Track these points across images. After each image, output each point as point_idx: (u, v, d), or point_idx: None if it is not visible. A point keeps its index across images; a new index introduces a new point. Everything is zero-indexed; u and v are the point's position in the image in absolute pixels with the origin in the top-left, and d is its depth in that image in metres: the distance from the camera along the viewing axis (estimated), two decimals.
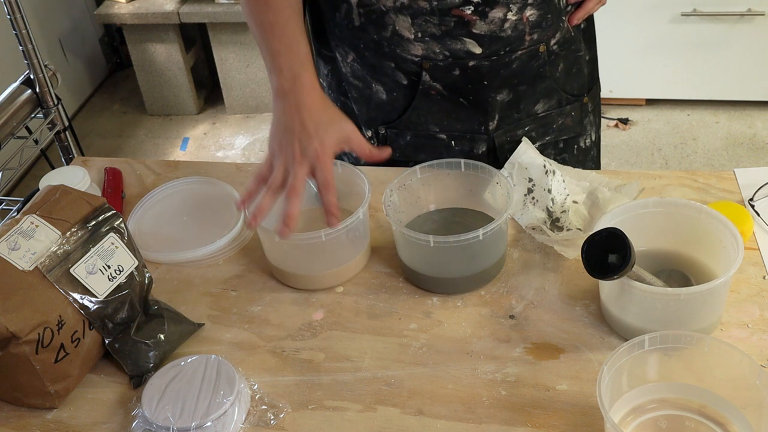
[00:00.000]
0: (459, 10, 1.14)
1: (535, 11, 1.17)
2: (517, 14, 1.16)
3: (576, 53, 1.28)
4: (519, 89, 1.24)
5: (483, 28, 1.16)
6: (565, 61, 1.26)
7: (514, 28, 1.17)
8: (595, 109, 1.37)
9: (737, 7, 2.85)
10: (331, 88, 1.36)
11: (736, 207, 1.12)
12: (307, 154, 1.07)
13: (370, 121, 1.30)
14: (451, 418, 0.93)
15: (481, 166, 1.13)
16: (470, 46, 1.17)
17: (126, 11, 3.25)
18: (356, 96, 1.31)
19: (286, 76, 1.10)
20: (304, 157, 1.07)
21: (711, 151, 2.96)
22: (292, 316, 1.09)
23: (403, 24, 1.17)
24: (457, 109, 1.25)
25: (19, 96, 1.67)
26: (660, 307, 0.95)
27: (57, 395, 0.98)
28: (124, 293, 1.02)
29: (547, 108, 1.28)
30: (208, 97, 3.62)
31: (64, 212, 1.01)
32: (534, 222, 1.16)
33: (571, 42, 1.26)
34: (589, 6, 1.24)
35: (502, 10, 1.15)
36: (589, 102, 1.34)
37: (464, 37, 1.17)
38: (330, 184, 1.08)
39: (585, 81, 1.32)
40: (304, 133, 1.08)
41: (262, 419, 0.95)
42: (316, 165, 1.08)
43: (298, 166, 1.07)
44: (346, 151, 1.16)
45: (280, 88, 1.10)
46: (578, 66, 1.29)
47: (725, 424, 0.89)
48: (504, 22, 1.16)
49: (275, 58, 1.11)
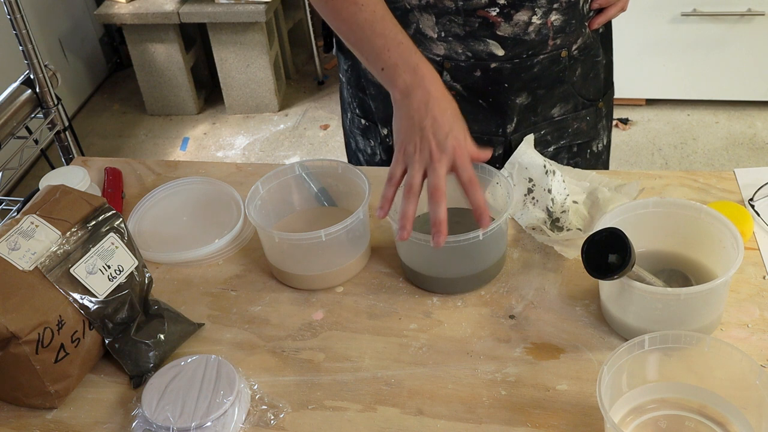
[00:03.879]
0: (484, 11, 1.14)
1: (560, 16, 1.17)
2: (542, 18, 1.16)
3: (594, 58, 1.28)
4: (538, 93, 1.24)
5: (507, 30, 1.16)
6: (584, 66, 1.27)
7: (538, 32, 1.17)
8: (608, 114, 1.38)
9: (737, 7, 2.85)
10: (350, 84, 1.35)
11: (736, 207, 1.12)
12: (445, 150, 0.99)
13: (386, 119, 1.30)
14: (451, 418, 0.93)
15: (481, 166, 1.13)
16: (493, 48, 1.17)
17: (126, 11, 3.25)
18: (374, 93, 1.30)
19: (404, 69, 1.03)
20: (443, 154, 0.99)
21: (711, 151, 2.96)
22: (292, 316, 1.09)
23: (427, 23, 1.17)
24: (476, 111, 1.24)
25: (19, 96, 1.68)
26: (660, 307, 0.95)
27: (57, 395, 0.98)
28: (124, 293, 1.02)
29: (563, 112, 1.28)
30: (208, 97, 3.62)
31: (64, 212, 1.01)
32: (534, 222, 1.16)
33: (591, 47, 1.26)
34: (610, 12, 1.25)
35: (527, 14, 1.15)
36: (604, 107, 1.34)
37: (488, 39, 1.17)
38: (475, 180, 1.00)
39: (601, 86, 1.32)
40: (439, 129, 1.00)
41: (262, 419, 0.95)
42: (456, 161, 1.00)
43: (437, 164, 0.99)
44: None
45: (401, 84, 1.03)
46: (595, 71, 1.29)
47: (725, 424, 0.89)
48: (528, 26, 1.16)
49: (384, 55, 1.04)
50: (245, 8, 3.17)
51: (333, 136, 3.30)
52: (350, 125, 1.41)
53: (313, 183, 1.21)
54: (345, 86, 1.37)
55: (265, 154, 3.23)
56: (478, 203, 0.99)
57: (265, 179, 1.17)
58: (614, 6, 1.25)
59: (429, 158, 1.00)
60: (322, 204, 1.22)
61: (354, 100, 1.36)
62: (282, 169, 1.19)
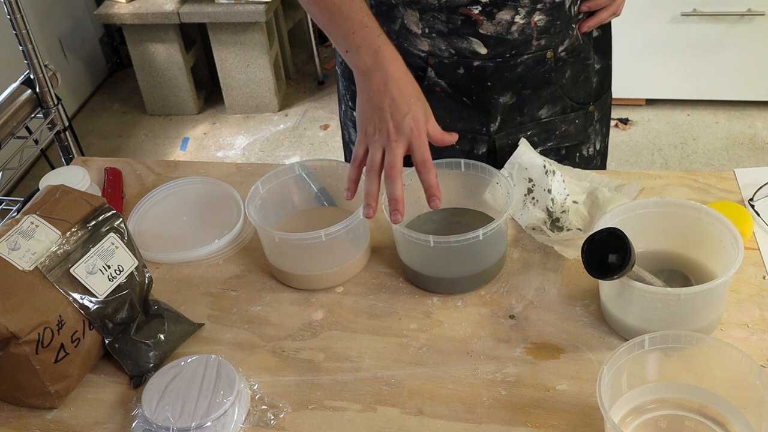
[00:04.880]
0: (466, 8, 1.14)
1: (544, 17, 1.17)
2: (525, 18, 1.16)
3: (585, 61, 1.27)
4: (523, 93, 1.24)
5: (489, 29, 1.16)
6: (573, 68, 1.26)
7: (521, 32, 1.17)
8: (602, 119, 1.37)
9: (737, 7, 2.85)
10: (344, 76, 1.36)
11: (736, 207, 1.12)
12: (402, 130, 1.01)
13: None
14: (451, 418, 0.93)
15: (481, 166, 1.13)
16: (476, 46, 1.17)
17: (126, 11, 3.25)
18: None
19: (365, 51, 1.05)
20: (400, 134, 1.01)
21: (711, 151, 2.96)
22: (292, 316, 1.09)
23: (412, 18, 1.17)
24: (460, 108, 1.25)
25: (19, 96, 1.68)
26: (660, 307, 0.95)
27: (57, 395, 0.98)
28: (124, 293, 1.02)
29: (551, 114, 1.28)
30: (208, 97, 3.62)
31: (64, 212, 1.01)
32: (534, 222, 1.16)
33: (580, 50, 1.25)
34: (602, 16, 1.24)
35: (510, 13, 1.15)
36: (596, 111, 1.33)
37: (470, 37, 1.17)
38: (429, 162, 1.01)
39: (592, 90, 1.31)
40: (396, 109, 1.02)
41: (262, 419, 0.95)
42: (413, 141, 1.01)
43: (394, 144, 1.01)
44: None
45: (362, 66, 1.06)
46: (586, 74, 1.29)
47: (725, 424, 0.89)
48: (511, 25, 1.16)
49: (349, 37, 1.06)
50: (245, 8, 3.17)
51: (333, 136, 3.30)
52: (344, 117, 1.42)
53: (313, 183, 1.21)
54: (340, 78, 1.38)
55: (265, 154, 3.23)
56: (429, 183, 1.01)
57: (265, 179, 1.17)
58: (605, 10, 1.24)
59: (387, 138, 1.02)
60: (322, 204, 1.22)
61: (347, 93, 1.36)
62: (282, 169, 1.19)
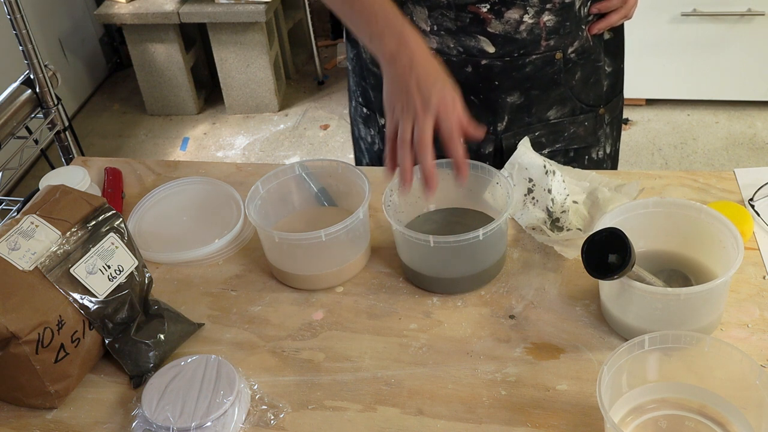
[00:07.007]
0: (475, 6, 1.14)
1: (554, 17, 1.17)
2: (534, 18, 1.16)
3: (595, 63, 1.27)
4: (531, 93, 1.24)
5: (498, 27, 1.16)
6: (583, 70, 1.26)
7: (529, 32, 1.17)
8: (612, 122, 1.36)
9: (737, 7, 2.85)
10: (355, 73, 1.36)
11: (736, 207, 1.12)
12: (429, 105, 1.02)
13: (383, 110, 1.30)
14: (451, 418, 0.93)
15: (481, 166, 1.13)
16: (484, 45, 1.17)
17: (126, 11, 3.25)
18: (373, 83, 1.31)
19: (389, 37, 1.05)
20: (428, 109, 1.02)
21: (711, 151, 2.96)
22: (292, 316, 1.09)
23: (420, 15, 1.17)
24: (467, 107, 1.24)
25: (19, 96, 1.67)
26: (660, 307, 0.95)
27: (57, 395, 0.98)
28: (124, 293, 1.02)
29: (559, 115, 1.28)
30: (208, 97, 3.62)
31: (64, 212, 1.01)
32: (534, 222, 1.16)
33: (591, 51, 1.25)
34: (612, 18, 1.24)
35: (519, 12, 1.15)
36: (607, 114, 1.33)
37: (479, 35, 1.17)
38: (455, 135, 1.02)
39: (602, 92, 1.31)
40: (424, 86, 1.03)
41: (262, 419, 0.95)
42: (440, 115, 1.02)
43: (422, 117, 1.01)
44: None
45: (387, 50, 1.05)
46: (597, 77, 1.29)
47: (725, 424, 0.89)
48: (520, 24, 1.16)
49: (372, 24, 1.06)
50: (245, 8, 3.17)
51: (333, 136, 3.30)
52: (354, 113, 1.43)
53: (313, 183, 1.21)
54: (350, 74, 1.38)
55: (265, 154, 3.23)
56: (456, 156, 1.02)
57: (265, 179, 1.17)
58: (616, 12, 1.24)
59: (415, 114, 1.02)
60: (322, 204, 1.22)
61: (358, 89, 1.37)
62: (282, 169, 1.19)
